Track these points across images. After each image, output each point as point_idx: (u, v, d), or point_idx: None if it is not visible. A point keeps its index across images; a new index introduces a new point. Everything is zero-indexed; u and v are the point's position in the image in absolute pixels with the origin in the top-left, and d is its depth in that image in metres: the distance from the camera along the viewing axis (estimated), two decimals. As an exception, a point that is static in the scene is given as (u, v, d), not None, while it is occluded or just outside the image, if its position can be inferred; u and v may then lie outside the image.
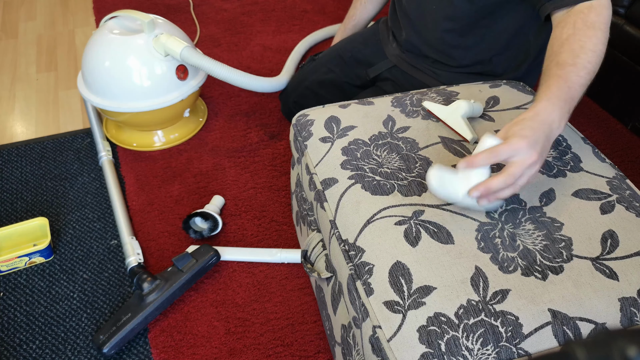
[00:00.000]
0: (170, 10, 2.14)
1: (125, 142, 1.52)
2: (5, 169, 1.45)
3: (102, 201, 1.36)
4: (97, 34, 1.38)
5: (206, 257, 1.15)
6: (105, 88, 1.36)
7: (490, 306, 0.67)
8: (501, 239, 0.75)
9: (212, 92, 1.72)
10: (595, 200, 0.81)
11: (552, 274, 0.70)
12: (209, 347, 1.06)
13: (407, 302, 0.67)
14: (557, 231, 0.76)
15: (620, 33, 1.52)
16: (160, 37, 1.33)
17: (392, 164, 0.87)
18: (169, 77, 1.37)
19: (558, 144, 0.91)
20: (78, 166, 1.46)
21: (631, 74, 1.53)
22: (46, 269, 1.20)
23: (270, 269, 1.20)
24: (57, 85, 1.79)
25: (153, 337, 1.08)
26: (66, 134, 1.57)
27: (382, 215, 0.78)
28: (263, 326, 1.09)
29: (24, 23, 2.11)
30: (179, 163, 1.47)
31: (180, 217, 1.31)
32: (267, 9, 2.17)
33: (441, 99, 1.00)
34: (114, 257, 1.23)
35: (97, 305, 1.14)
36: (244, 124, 1.60)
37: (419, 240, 0.74)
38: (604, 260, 0.72)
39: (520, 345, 0.64)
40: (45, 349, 1.06)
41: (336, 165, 0.88)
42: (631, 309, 0.68)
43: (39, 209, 1.34)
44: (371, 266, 0.73)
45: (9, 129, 1.61)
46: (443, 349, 0.63)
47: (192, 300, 1.14)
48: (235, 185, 1.40)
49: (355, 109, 1.00)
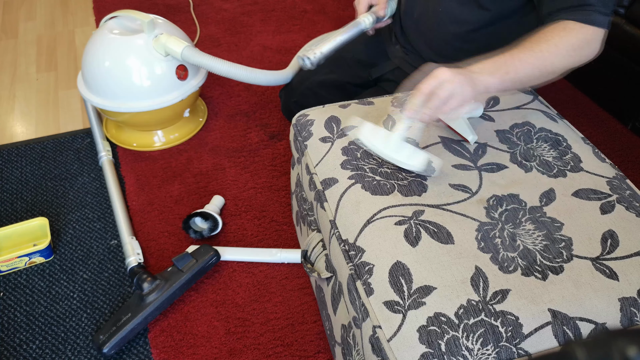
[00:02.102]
0: (170, 10, 2.14)
1: (125, 142, 1.52)
2: (5, 169, 1.45)
3: (102, 201, 1.36)
4: (97, 34, 1.38)
5: (206, 257, 1.15)
6: (105, 88, 1.36)
7: (490, 306, 0.67)
8: (501, 239, 0.75)
9: (212, 92, 1.72)
10: (595, 200, 0.81)
11: (552, 274, 0.70)
12: (209, 347, 1.06)
13: (407, 302, 0.67)
14: (557, 231, 0.76)
15: (620, 33, 1.52)
16: (161, 37, 1.33)
17: (392, 164, 0.87)
18: (169, 77, 1.37)
19: (558, 144, 0.91)
20: (78, 166, 1.46)
21: (631, 74, 1.53)
22: (46, 269, 1.20)
23: (270, 269, 1.20)
24: (57, 85, 1.79)
25: (153, 337, 1.08)
26: (66, 134, 1.57)
27: (382, 215, 0.78)
28: (263, 326, 1.09)
29: (24, 23, 2.11)
30: (179, 163, 1.47)
31: (180, 217, 1.31)
32: (267, 9, 2.17)
33: (441, 99, 1.00)
34: (114, 257, 1.23)
35: (97, 305, 1.14)
36: (244, 124, 1.60)
37: (419, 240, 0.74)
38: (604, 260, 0.72)
39: (520, 345, 0.64)
40: (45, 349, 1.06)
41: (336, 165, 0.88)
42: (631, 309, 0.68)
43: (39, 209, 1.34)
44: (371, 266, 0.73)
45: (9, 129, 1.61)
46: (443, 349, 0.63)
47: (192, 300, 1.14)
48: (235, 185, 1.40)
49: (356, 109, 1.00)
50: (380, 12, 1.25)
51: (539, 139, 0.92)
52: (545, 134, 0.93)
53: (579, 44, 0.87)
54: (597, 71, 1.66)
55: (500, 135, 0.93)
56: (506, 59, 0.85)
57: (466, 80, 0.79)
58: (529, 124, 0.95)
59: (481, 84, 0.82)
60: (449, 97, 0.78)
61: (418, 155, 0.82)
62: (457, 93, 0.78)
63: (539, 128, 0.94)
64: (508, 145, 0.91)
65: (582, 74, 1.74)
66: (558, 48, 0.86)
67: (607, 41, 0.90)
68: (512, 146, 0.90)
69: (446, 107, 0.79)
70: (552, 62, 0.87)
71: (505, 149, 0.90)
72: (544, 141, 0.92)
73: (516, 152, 0.89)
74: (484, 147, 0.90)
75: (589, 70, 1.68)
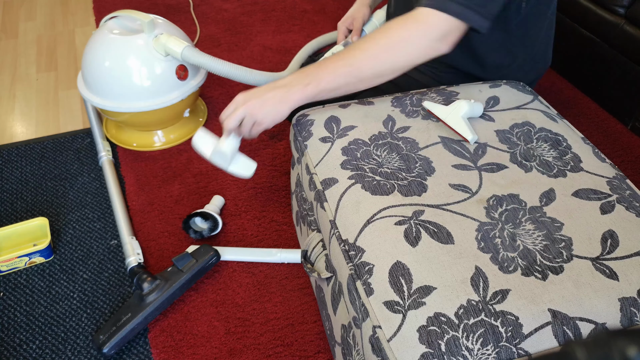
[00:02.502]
0: (170, 10, 2.14)
1: (125, 142, 1.52)
2: (5, 169, 1.45)
3: (102, 201, 1.36)
4: (97, 34, 1.38)
5: (206, 257, 1.15)
6: (105, 88, 1.36)
7: (490, 306, 0.67)
8: (501, 239, 0.75)
9: (212, 92, 1.72)
10: (595, 200, 0.81)
11: (552, 274, 0.70)
12: (209, 347, 1.06)
13: (407, 302, 0.67)
14: (557, 231, 0.76)
15: (620, 33, 1.52)
16: (161, 37, 1.33)
17: (392, 164, 0.87)
18: (169, 77, 1.37)
19: (558, 144, 0.91)
20: (78, 166, 1.46)
21: (631, 74, 1.53)
22: (46, 269, 1.20)
23: (270, 269, 1.20)
24: (57, 85, 1.79)
25: (153, 337, 1.08)
26: (66, 134, 1.57)
27: (382, 215, 0.78)
28: (263, 326, 1.09)
29: (24, 23, 2.11)
30: (179, 163, 1.47)
31: (180, 217, 1.31)
32: (267, 9, 2.17)
33: (441, 99, 1.00)
34: (114, 257, 1.23)
35: (97, 305, 1.14)
36: (244, 124, 1.60)
37: (419, 240, 0.74)
38: (604, 260, 0.72)
39: (520, 345, 0.64)
40: (45, 349, 1.06)
41: (336, 165, 0.88)
42: (631, 309, 0.68)
43: (39, 209, 1.34)
44: (371, 266, 0.73)
45: (9, 129, 1.61)
46: (443, 349, 0.63)
47: (192, 300, 1.14)
48: (235, 185, 1.40)
49: (355, 108, 1.00)
50: (354, 38, 1.30)
51: (539, 139, 0.92)
52: (545, 134, 0.93)
53: (396, 44, 0.88)
54: (597, 71, 1.66)
55: (500, 135, 0.93)
56: (311, 69, 0.90)
57: (261, 94, 0.91)
58: (529, 124, 0.95)
59: (279, 94, 0.91)
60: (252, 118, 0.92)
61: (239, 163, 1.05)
62: (256, 114, 0.92)
63: (539, 128, 0.94)
64: (508, 145, 0.91)
65: (582, 74, 1.74)
66: (366, 53, 0.87)
67: (607, 41, 0.90)
68: (512, 146, 0.90)
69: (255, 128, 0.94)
70: (361, 68, 0.89)
71: (505, 149, 0.90)
72: (544, 141, 0.92)
73: (516, 152, 0.89)
74: (484, 147, 0.90)
75: (589, 70, 1.69)
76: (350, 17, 1.30)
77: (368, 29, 1.31)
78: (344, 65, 0.88)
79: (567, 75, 1.81)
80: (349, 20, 1.30)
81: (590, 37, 1.63)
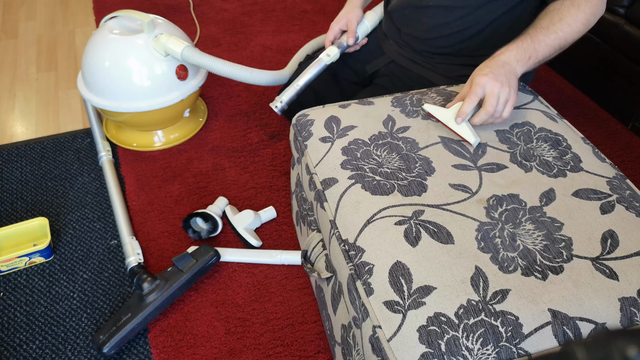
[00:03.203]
0: (170, 10, 2.14)
1: (125, 142, 1.52)
2: (5, 169, 1.45)
3: (102, 201, 1.36)
4: (97, 34, 1.38)
5: (206, 257, 1.15)
6: (105, 88, 1.36)
7: (490, 306, 0.67)
8: (501, 238, 0.75)
9: (212, 92, 1.72)
10: (595, 200, 0.81)
11: (552, 274, 0.70)
12: (209, 347, 1.06)
13: (407, 302, 0.67)
14: (557, 231, 0.76)
15: (620, 33, 1.52)
16: (160, 37, 1.33)
17: (392, 163, 0.87)
18: (169, 77, 1.37)
19: (558, 144, 0.91)
20: (78, 166, 1.46)
21: (631, 74, 1.53)
22: (46, 269, 1.20)
23: (271, 269, 1.20)
24: (57, 85, 1.79)
25: (153, 337, 1.08)
26: (66, 134, 1.57)
27: (382, 215, 0.78)
28: (263, 326, 1.09)
29: (24, 23, 2.11)
30: (179, 163, 1.47)
31: (180, 217, 1.31)
32: (267, 9, 2.17)
33: (441, 99, 1.00)
34: (114, 257, 1.23)
35: (97, 305, 1.14)
36: (244, 124, 1.60)
37: (419, 240, 0.74)
38: (604, 260, 0.72)
39: (520, 345, 0.64)
40: (45, 349, 1.06)
41: (336, 165, 0.88)
42: (631, 309, 0.68)
43: (39, 209, 1.34)
44: (371, 266, 0.73)
45: (9, 129, 1.61)
46: (443, 349, 0.63)
47: (192, 300, 1.14)
48: (235, 185, 1.40)
49: (355, 108, 1.00)
50: (349, 40, 1.28)
51: (539, 139, 0.92)
52: (545, 134, 0.93)
53: (588, 18, 0.96)
54: (597, 71, 1.66)
55: (500, 135, 0.93)
56: (528, 43, 0.93)
57: (511, 80, 0.89)
58: (529, 124, 0.95)
59: (514, 73, 0.91)
60: (511, 101, 0.90)
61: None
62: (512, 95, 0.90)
63: (539, 128, 0.94)
64: (508, 145, 0.91)
65: (582, 74, 1.74)
66: (571, 27, 0.95)
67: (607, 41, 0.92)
68: (512, 146, 0.90)
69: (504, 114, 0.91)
70: (567, 40, 0.96)
71: (505, 149, 0.90)
72: (544, 141, 0.92)
73: (516, 152, 0.89)
74: (484, 147, 0.90)
75: (589, 70, 1.69)
76: (345, 19, 1.30)
77: (360, 31, 1.30)
78: (556, 38, 0.95)
79: (567, 75, 1.81)
80: (343, 21, 1.30)
81: (590, 37, 1.63)
